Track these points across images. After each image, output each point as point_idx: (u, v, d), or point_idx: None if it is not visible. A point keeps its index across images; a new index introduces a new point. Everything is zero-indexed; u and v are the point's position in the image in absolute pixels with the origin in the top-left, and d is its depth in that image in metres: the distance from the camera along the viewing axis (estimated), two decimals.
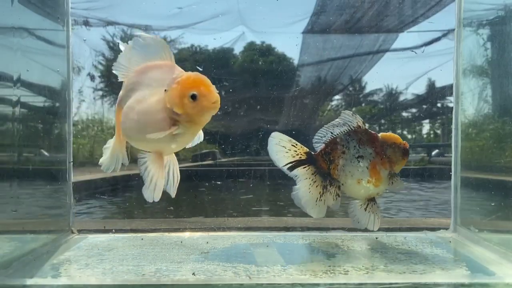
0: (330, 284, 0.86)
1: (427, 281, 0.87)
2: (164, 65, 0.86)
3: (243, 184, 1.68)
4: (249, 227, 1.42)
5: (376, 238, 1.25)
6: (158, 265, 0.98)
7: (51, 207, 1.31)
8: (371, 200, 1.15)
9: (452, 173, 1.35)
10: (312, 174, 1.12)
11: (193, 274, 0.91)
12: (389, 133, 1.15)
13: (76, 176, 1.37)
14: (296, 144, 1.12)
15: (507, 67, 1.17)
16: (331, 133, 1.13)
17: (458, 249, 1.19)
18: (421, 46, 1.72)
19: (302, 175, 1.12)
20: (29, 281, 0.87)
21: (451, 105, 1.40)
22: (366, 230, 1.18)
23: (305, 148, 1.13)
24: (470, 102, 1.34)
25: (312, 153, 1.14)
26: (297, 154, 1.11)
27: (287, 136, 1.12)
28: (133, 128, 0.88)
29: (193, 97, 0.80)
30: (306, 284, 0.86)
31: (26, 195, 1.13)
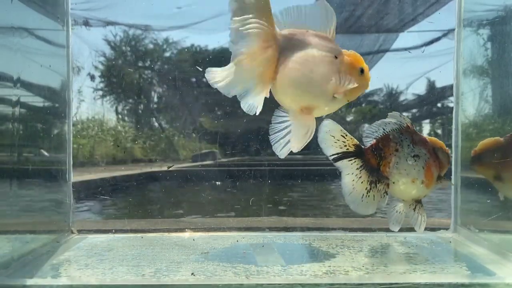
0: (330, 284, 0.85)
1: (427, 281, 0.87)
2: (325, 36, 0.89)
3: (243, 184, 1.68)
4: (249, 227, 1.42)
5: (386, 235, 1.27)
6: (158, 265, 0.98)
7: (51, 207, 1.31)
8: (418, 201, 1.11)
9: (452, 173, 1.35)
10: (357, 169, 1.07)
11: (192, 274, 0.91)
12: (434, 138, 1.13)
13: (76, 177, 1.37)
14: (346, 135, 1.07)
15: (507, 67, 1.17)
16: (383, 129, 1.09)
17: (458, 249, 1.19)
18: (421, 46, 1.71)
19: (347, 168, 1.08)
20: (29, 281, 0.87)
21: (451, 105, 1.40)
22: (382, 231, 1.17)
23: (355, 140, 1.09)
24: (470, 102, 1.34)
25: (362, 146, 1.09)
26: (345, 146, 1.07)
27: (339, 126, 1.07)
28: (304, 80, 0.87)
29: (362, 71, 0.88)
30: (306, 284, 0.86)
31: (26, 195, 1.13)
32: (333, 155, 1.07)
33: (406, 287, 0.85)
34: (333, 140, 1.07)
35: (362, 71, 0.89)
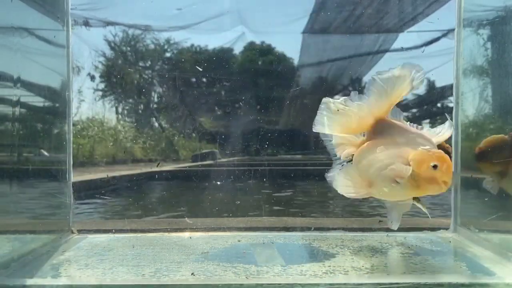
0: (330, 284, 0.85)
1: (427, 281, 0.87)
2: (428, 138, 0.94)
3: (242, 184, 1.68)
4: (249, 227, 1.42)
5: (387, 235, 1.27)
6: (158, 265, 0.98)
7: (51, 207, 1.31)
8: (415, 198, 1.08)
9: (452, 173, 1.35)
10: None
11: (192, 274, 0.91)
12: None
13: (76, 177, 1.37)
14: None
15: (507, 67, 1.17)
16: None
17: (458, 249, 1.19)
18: (421, 46, 1.71)
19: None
20: (29, 281, 0.87)
21: (451, 105, 1.40)
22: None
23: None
24: (470, 102, 1.34)
25: None
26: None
27: None
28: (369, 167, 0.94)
29: (435, 166, 0.86)
30: (306, 284, 0.86)
31: (26, 195, 1.13)
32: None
33: (406, 287, 0.85)
34: None
35: (435, 166, 0.86)
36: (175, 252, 1.11)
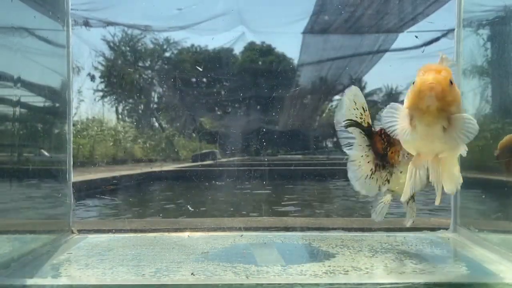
0: (330, 284, 0.85)
1: (427, 281, 0.87)
2: None
3: (242, 184, 1.68)
4: (249, 227, 1.42)
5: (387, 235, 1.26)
6: (158, 265, 0.98)
7: (51, 207, 1.31)
8: (412, 196, 1.05)
9: None
10: (367, 145, 1.03)
11: (192, 274, 0.91)
12: None
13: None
14: (366, 110, 1.03)
15: (507, 67, 1.17)
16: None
17: (458, 249, 1.19)
18: (421, 46, 1.71)
19: (357, 142, 1.04)
20: (29, 281, 0.87)
21: None
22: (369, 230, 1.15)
23: (370, 119, 1.04)
24: (471, 102, 1.34)
25: (373, 128, 1.05)
26: (361, 118, 1.03)
27: (363, 98, 1.03)
28: None
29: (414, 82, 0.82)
30: (306, 284, 0.86)
31: (26, 195, 1.13)
32: (348, 119, 1.03)
33: (406, 287, 0.85)
34: (354, 106, 1.03)
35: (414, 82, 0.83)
36: (175, 252, 1.11)
